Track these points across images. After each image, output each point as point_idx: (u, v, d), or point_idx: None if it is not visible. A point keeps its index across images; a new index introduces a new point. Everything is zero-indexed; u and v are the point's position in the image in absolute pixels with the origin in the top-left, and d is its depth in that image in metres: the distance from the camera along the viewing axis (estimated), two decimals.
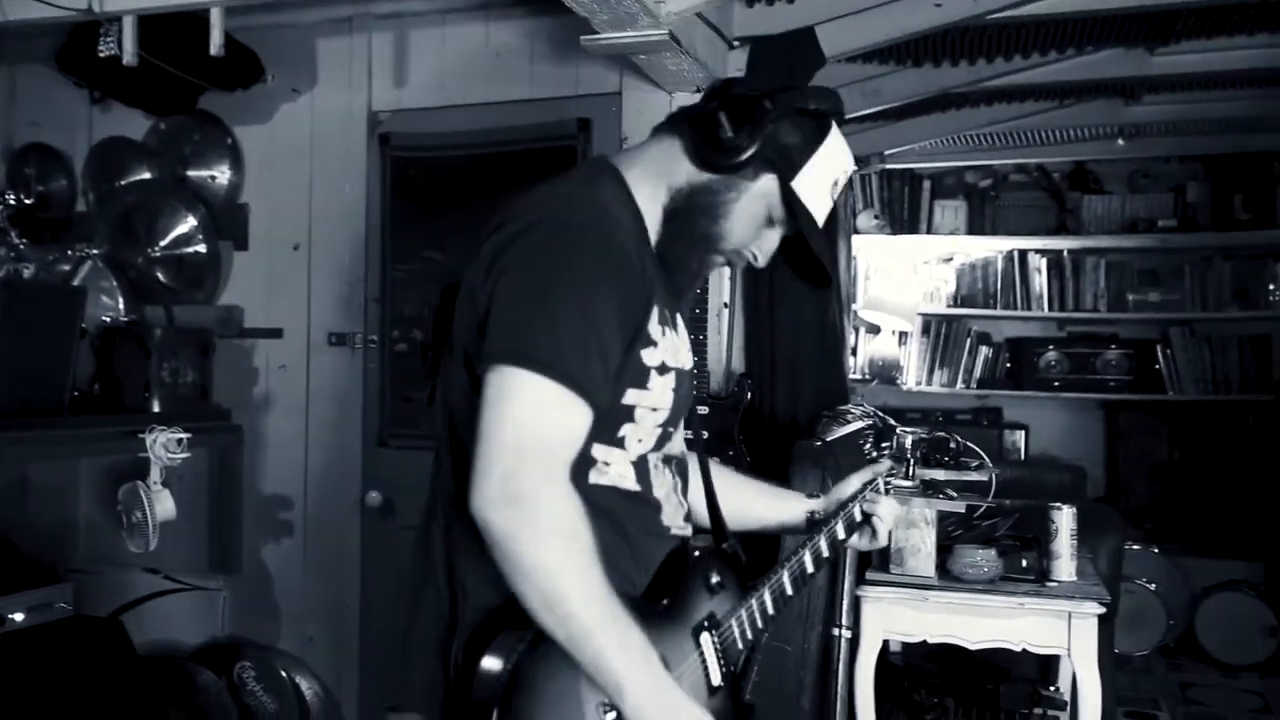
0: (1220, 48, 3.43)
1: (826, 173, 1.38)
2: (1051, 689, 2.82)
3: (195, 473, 3.08)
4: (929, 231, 5.27)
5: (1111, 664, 2.85)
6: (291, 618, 3.31)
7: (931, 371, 5.24)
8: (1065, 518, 2.44)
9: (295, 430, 3.30)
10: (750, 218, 1.37)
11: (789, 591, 1.50)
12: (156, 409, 2.87)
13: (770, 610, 1.46)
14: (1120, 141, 4.64)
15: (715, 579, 1.40)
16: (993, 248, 5.19)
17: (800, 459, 2.50)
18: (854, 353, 5.17)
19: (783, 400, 3.11)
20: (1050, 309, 5.11)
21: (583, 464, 1.27)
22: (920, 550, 2.44)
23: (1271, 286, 4.87)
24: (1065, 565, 2.43)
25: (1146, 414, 5.04)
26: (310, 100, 3.30)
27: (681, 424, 1.45)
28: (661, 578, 1.37)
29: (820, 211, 1.39)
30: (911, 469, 2.45)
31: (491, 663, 1.19)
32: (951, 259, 5.27)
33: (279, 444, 3.31)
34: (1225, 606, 4.49)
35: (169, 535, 2.80)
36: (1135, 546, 4.39)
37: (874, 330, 5.26)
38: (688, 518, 1.45)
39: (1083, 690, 2.34)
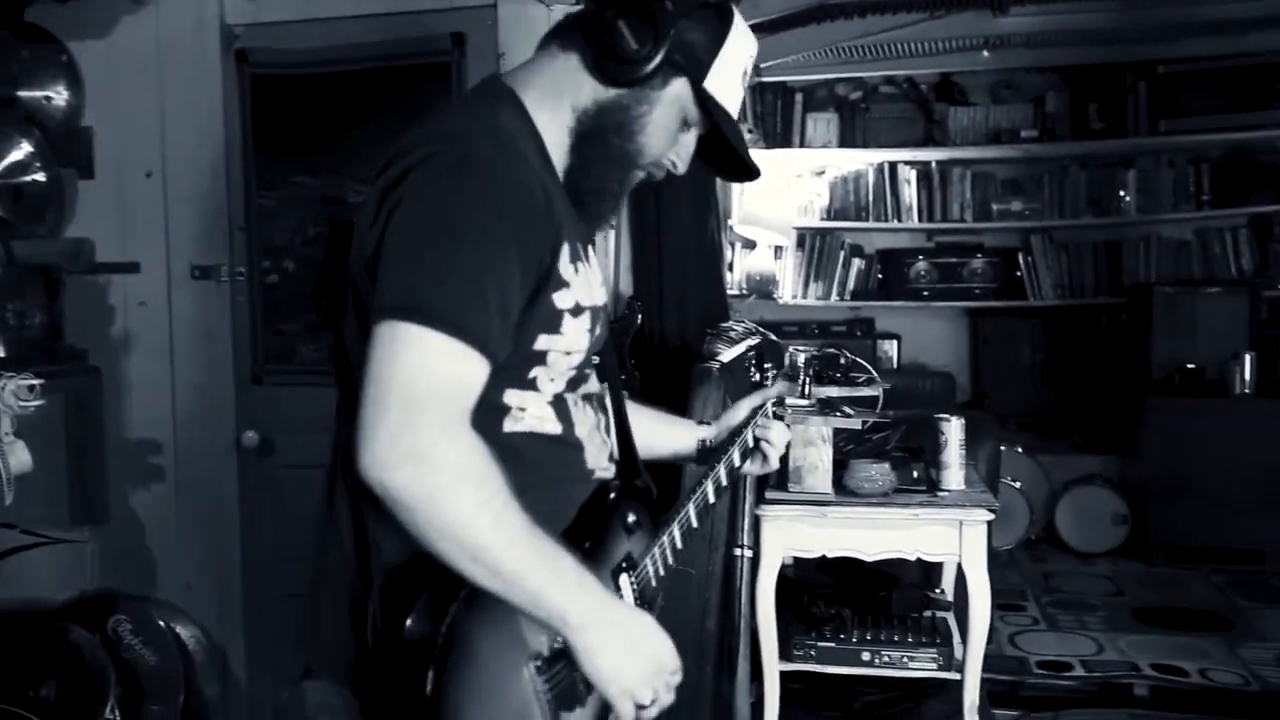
0: None
1: (735, 64, 1.32)
2: (937, 591, 2.94)
3: (51, 420, 2.87)
4: (802, 145, 5.29)
5: (990, 563, 2.98)
6: (167, 566, 3.15)
7: (807, 284, 5.32)
8: (954, 429, 2.51)
9: (160, 370, 3.10)
10: (665, 127, 1.30)
11: (695, 524, 1.49)
12: (2, 354, 2.65)
13: (679, 545, 1.45)
14: (985, 53, 4.72)
15: (631, 518, 1.38)
16: (864, 160, 5.26)
17: (700, 381, 2.49)
18: (731, 269, 5.18)
19: (672, 322, 3.09)
20: (920, 220, 5.23)
21: (495, 413, 1.21)
22: (818, 468, 2.48)
23: (1122, 193, 5.09)
24: (955, 475, 2.51)
25: (1009, 319, 5.26)
26: (155, 12, 3.02)
27: (595, 362, 1.39)
28: (582, 520, 1.33)
29: (734, 105, 1.33)
30: (807, 387, 2.48)
31: (418, 624, 1.12)
32: (824, 172, 5.33)
33: (143, 385, 3.10)
34: (1081, 499, 4.77)
35: (26, 488, 2.60)
36: (1002, 448, 4.60)
37: (750, 245, 5.28)
38: (611, 457, 1.40)
39: (973, 592, 2.45)
